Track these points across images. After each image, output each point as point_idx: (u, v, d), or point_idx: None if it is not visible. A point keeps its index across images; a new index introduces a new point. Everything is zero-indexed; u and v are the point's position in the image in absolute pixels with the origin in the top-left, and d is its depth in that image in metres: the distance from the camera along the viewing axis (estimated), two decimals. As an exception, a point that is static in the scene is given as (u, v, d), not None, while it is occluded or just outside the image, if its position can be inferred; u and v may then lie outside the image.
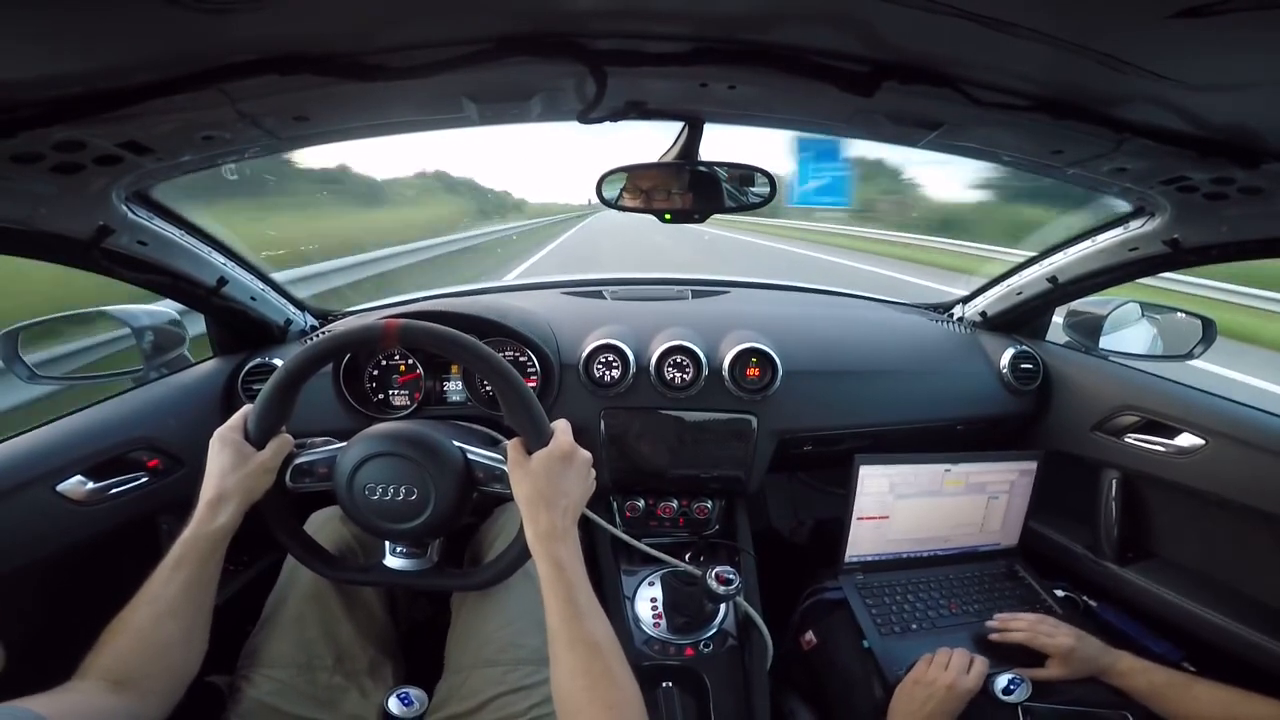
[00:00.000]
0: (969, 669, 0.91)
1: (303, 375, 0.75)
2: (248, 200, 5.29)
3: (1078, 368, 1.28)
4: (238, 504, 0.71)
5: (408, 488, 0.75)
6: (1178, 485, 1.08)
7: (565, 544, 0.66)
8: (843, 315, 1.49)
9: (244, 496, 0.72)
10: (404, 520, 0.76)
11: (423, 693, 0.81)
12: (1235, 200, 0.80)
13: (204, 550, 0.69)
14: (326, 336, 0.74)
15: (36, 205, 0.72)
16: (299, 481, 0.79)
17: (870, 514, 1.17)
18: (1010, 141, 0.80)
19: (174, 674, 0.65)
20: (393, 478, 0.75)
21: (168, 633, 0.64)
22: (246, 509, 0.73)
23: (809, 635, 1.10)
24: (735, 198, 0.91)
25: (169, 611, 0.65)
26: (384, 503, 0.76)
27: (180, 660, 0.66)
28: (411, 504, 0.75)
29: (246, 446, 0.74)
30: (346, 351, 0.77)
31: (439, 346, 0.72)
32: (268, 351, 1.18)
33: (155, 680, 0.62)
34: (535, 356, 1.17)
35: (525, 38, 0.59)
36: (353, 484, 0.76)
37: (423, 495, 0.75)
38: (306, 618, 0.81)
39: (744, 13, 0.57)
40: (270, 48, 0.56)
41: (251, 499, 0.73)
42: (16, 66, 0.51)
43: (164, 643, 0.64)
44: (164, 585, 0.66)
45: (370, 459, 0.76)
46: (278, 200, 7.69)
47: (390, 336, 0.72)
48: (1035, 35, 0.50)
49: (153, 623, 0.64)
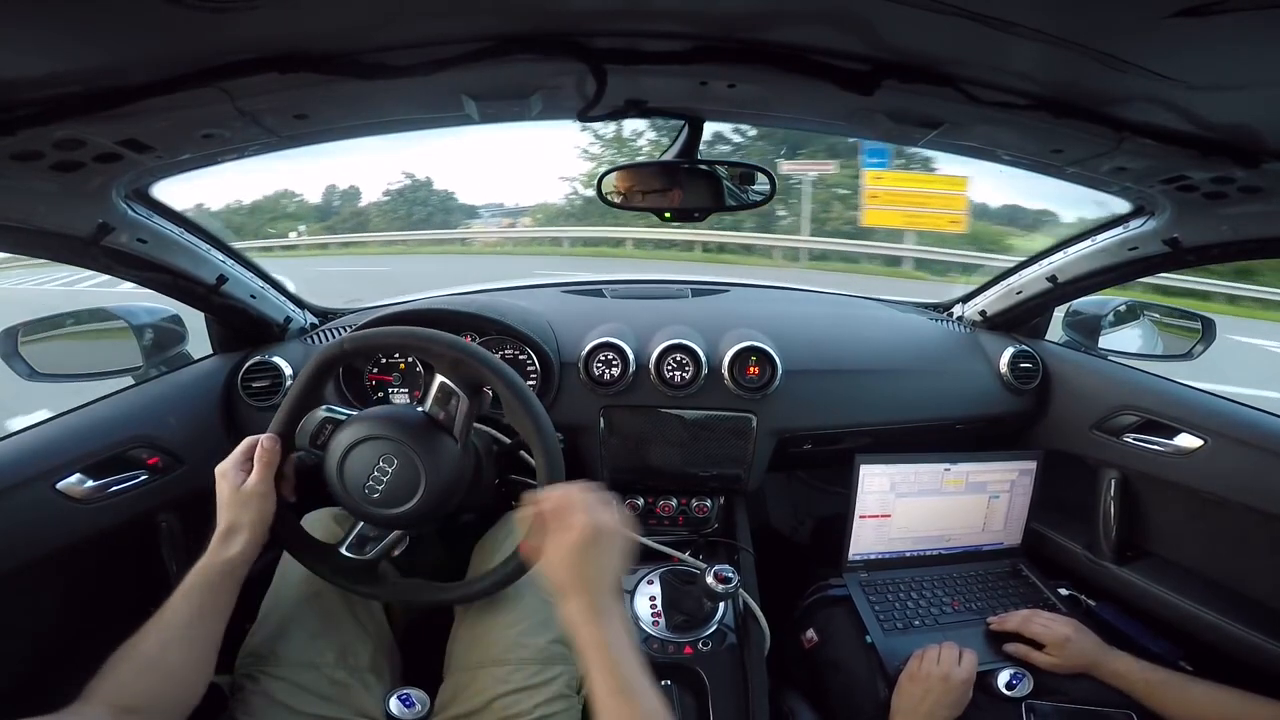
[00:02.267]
0: (960, 660, 0.91)
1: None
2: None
3: (1077, 367, 1.28)
4: (249, 534, 0.72)
5: (396, 472, 0.75)
6: (1177, 485, 1.08)
7: (602, 623, 0.61)
8: (842, 314, 1.49)
9: (254, 526, 0.73)
10: (392, 505, 0.76)
11: (424, 694, 0.81)
12: (1235, 200, 0.80)
13: (214, 580, 0.69)
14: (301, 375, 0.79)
15: (36, 203, 0.72)
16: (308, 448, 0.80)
17: (872, 512, 1.18)
18: (1010, 140, 0.80)
19: (179, 702, 0.65)
20: (383, 462, 0.76)
21: (176, 661, 0.65)
22: (261, 536, 0.74)
23: (810, 633, 1.10)
24: (736, 196, 0.90)
25: (178, 640, 0.66)
26: (372, 486, 0.76)
27: (187, 689, 0.66)
28: (401, 489, 0.75)
29: (242, 476, 0.75)
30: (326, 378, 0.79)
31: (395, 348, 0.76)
32: (268, 349, 1.18)
33: (161, 708, 0.63)
34: (535, 355, 1.17)
35: (525, 36, 0.59)
36: (343, 466, 0.76)
37: (412, 481, 0.75)
38: (307, 616, 0.81)
39: (744, 11, 0.57)
40: (270, 46, 0.56)
41: (264, 525, 0.74)
42: (16, 64, 0.51)
43: (171, 671, 0.64)
44: (174, 613, 0.67)
45: (362, 441, 0.76)
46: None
47: (346, 355, 0.77)
48: (1035, 34, 0.50)
49: (160, 650, 0.64)
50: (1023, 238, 9.10)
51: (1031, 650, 0.95)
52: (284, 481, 0.78)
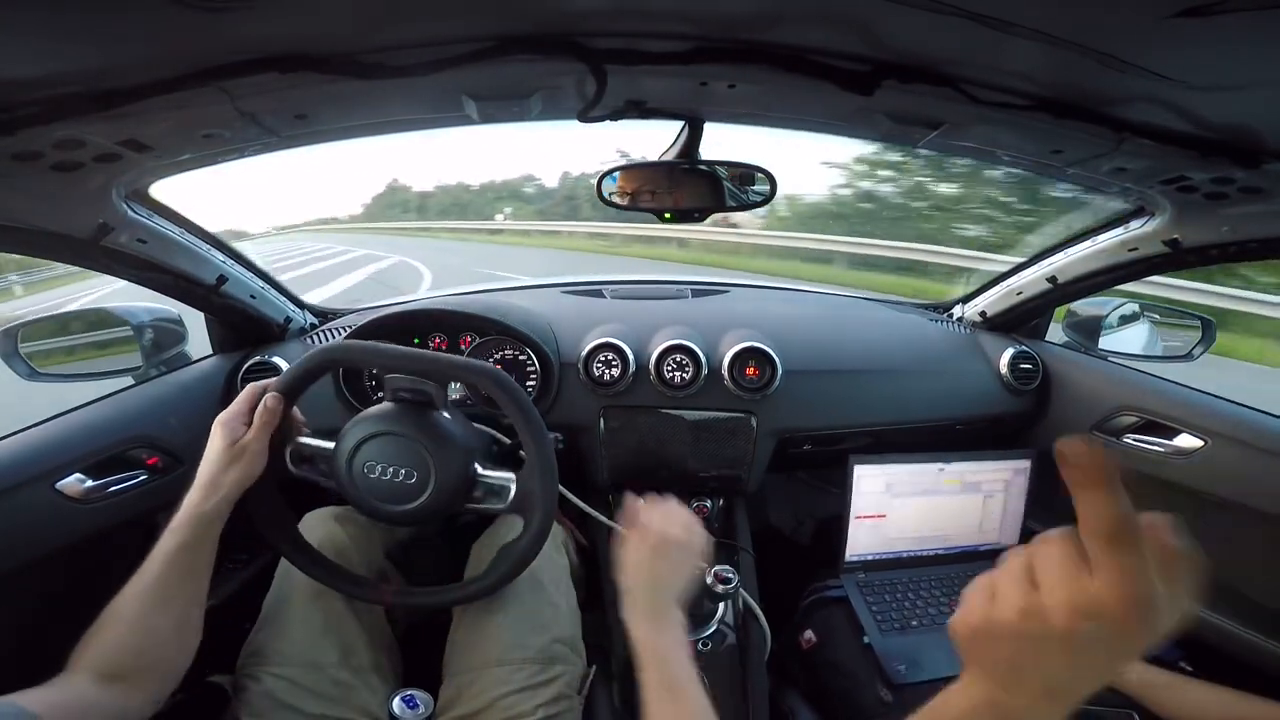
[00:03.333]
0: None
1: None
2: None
3: (1077, 368, 1.28)
4: (229, 492, 0.71)
5: (408, 469, 0.76)
6: (1177, 485, 1.08)
7: (658, 624, 0.66)
8: (842, 315, 1.49)
9: (238, 485, 0.72)
10: (402, 501, 0.77)
11: (428, 695, 0.81)
12: (1235, 200, 0.80)
13: (195, 535, 0.68)
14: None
15: (36, 203, 0.72)
16: (299, 466, 0.79)
17: (868, 513, 1.18)
18: (1010, 141, 0.80)
19: (164, 667, 0.64)
20: (393, 458, 0.76)
21: (156, 624, 0.63)
22: (240, 493, 0.72)
23: (808, 634, 1.10)
24: (736, 196, 0.90)
25: (158, 601, 0.64)
26: (382, 482, 0.76)
27: (171, 653, 0.65)
28: (410, 485, 0.76)
29: (242, 430, 0.74)
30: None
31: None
32: (268, 349, 1.18)
33: (145, 673, 0.61)
34: (535, 355, 1.17)
35: (525, 36, 0.59)
36: (353, 462, 0.77)
37: (422, 477, 0.76)
38: (309, 615, 0.81)
39: (744, 12, 0.57)
40: (270, 46, 0.56)
41: (245, 484, 0.73)
42: (16, 64, 0.51)
43: (153, 634, 0.63)
44: (153, 575, 0.65)
45: (372, 438, 0.77)
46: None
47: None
48: (1036, 35, 0.50)
49: (140, 614, 0.63)
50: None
51: None
52: (277, 441, 0.77)
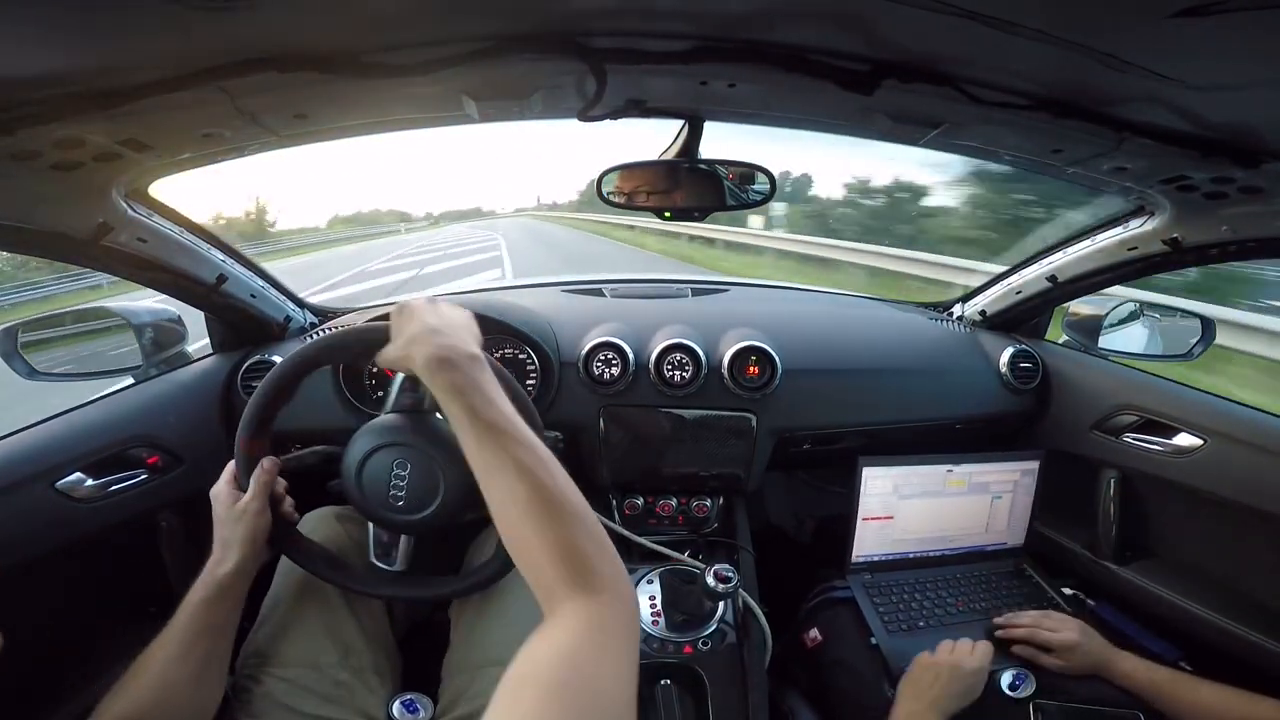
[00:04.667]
0: (973, 651, 0.92)
1: (278, 399, 0.77)
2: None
3: (1077, 367, 1.28)
4: (241, 550, 0.73)
5: (418, 479, 0.76)
6: (1176, 485, 1.08)
7: (460, 370, 0.59)
8: (842, 314, 1.49)
9: (247, 542, 0.73)
10: (412, 511, 0.77)
11: (428, 698, 0.81)
12: (1235, 200, 0.80)
13: (210, 596, 0.70)
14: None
15: (36, 202, 0.72)
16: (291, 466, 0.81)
17: (875, 514, 1.18)
18: (1010, 140, 0.80)
19: (182, 718, 0.66)
20: (403, 468, 0.77)
21: (175, 677, 0.66)
22: (256, 553, 0.75)
23: (813, 633, 1.10)
24: (736, 195, 0.90)
25: (178, 655, 0.67)
26: (393, 492, 0.77)
27: (189, 705, 0.67)
28: (420, 495, 0.76)
29: (234, 494, 0.76)
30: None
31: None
32: (267, 349, 1.18)
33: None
34: (535, 354, 1.17)
35: (525, 35, 0.59)
36: (362, 473, 0.77)
37: (432, 487, 0.76)
38: (309, 617, 0.81)
39: (744, 11, 0.57)
40: (270, 46, 0.56)
41: (258, 542, 0.75)
42: (16, 64, 0.51)
43: (170, 688, 0.65)
44: (176, 630, 0.68)
45: (381, 448, 0.77)
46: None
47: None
48: (1036, 34, 0.50)
49: (162, 666, 0.66)
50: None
51: (1039, 653, 0.95)
52: (281, 502, 0.79)
